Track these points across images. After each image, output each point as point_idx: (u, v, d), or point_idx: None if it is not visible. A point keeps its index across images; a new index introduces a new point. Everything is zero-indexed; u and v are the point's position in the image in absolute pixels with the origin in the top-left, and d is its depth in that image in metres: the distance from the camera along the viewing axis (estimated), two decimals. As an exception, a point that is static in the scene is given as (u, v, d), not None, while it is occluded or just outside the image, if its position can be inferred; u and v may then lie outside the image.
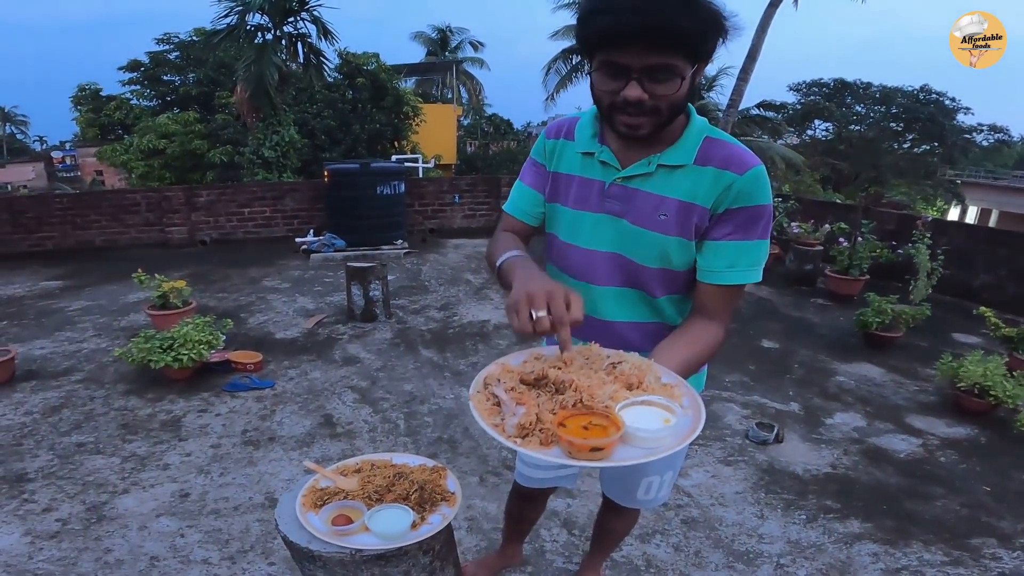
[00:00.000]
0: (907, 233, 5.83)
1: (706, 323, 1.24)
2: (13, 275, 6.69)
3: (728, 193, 1.16)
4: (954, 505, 2.75)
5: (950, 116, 19.36)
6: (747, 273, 1.21)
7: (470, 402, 1.01)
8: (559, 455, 0.88)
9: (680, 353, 1.16)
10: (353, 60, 13.43)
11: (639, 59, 1.04)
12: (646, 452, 0.88)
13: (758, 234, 1.20)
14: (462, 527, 2.45)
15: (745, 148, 1.20)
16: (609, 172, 1.25)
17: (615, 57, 1.06)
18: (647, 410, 0.94)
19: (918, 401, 3.84)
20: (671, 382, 1.02)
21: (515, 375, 1.04)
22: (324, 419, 3.41)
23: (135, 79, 14.75)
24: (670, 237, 1.21)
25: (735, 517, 2.61)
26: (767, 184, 1.18)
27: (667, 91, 1.07)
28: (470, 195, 9.65)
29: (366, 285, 5.04)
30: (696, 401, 0.97)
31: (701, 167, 1.18)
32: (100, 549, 2.32)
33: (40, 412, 3.45)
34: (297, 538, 1.20)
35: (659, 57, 1.04)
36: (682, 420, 0.92)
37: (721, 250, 1.19)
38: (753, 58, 9.57)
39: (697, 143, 1.19)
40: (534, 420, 0.92)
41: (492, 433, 0.92)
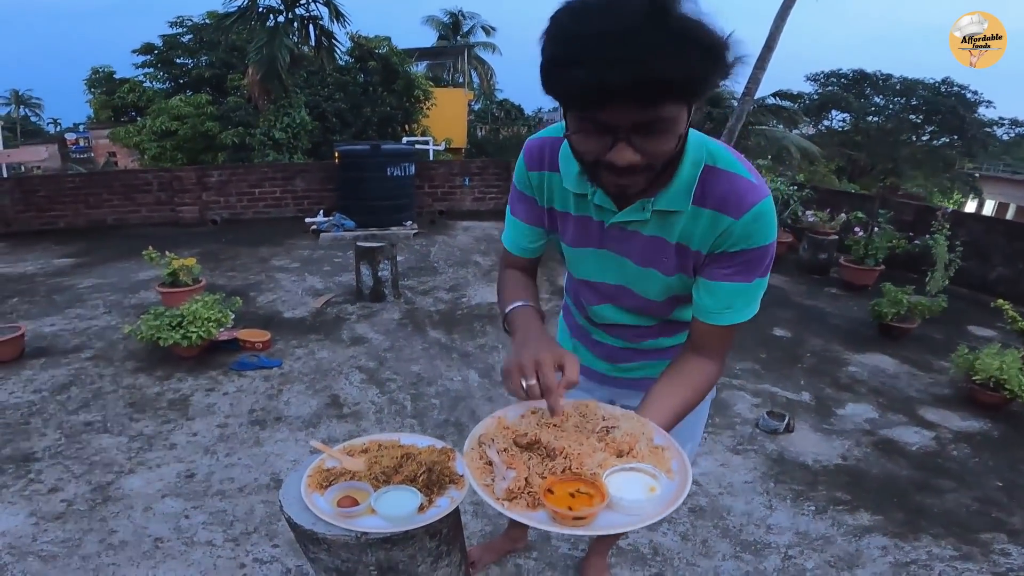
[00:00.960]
0: (925, 224, 5.73)
1: (701, 362, 1.18)
2: (25, 253, 6.73)
3: (725, 238, 1.07)
4: (965, 499, 2.70)
5: (971, 109, 19.04)
6: (743, 312, 1.14)
7: (463, 459, 1.04)
8: (544, 519, 0.93)
9: (674, 401, 1.14)
10: (365, 43, 13.35)
11: (627, 116, 0.86)
12: (628, 520, 0.93)
13: (758, 275, 1.11)
14: (468, 511, 2.44)
15: (748, 176, 1.05)
16: (605, 214, 1.14)
17: (596, 116, 0.88)
18: (633, 477, 0.98)
19: (932, 393, 3.78)
20: (663, 444, 1.05)
21: (509, 434, 1.07)
22: (331, 399, 3.40)
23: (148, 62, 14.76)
24: (674, 277, 1.17)
25: (743, 507, 2.59)
26: (769, 221, 1.06)
27: (663, 145, 0.91)
28: (480, 178, 9.59)
29: (375, 265, 5.02)
30: (684, 466, 1.00)
31: (698, 208, 1.06)
32: (104, 530, 2.32)
33: (49, 390, 3.45)
34: (301, 520, 1.18)
35: (648, 112, 0.86)
36: (667, 489, 0.96)
37: (717, 291, 1.12)
38: (770, 47, 9.35)
39: (694, 179, 1.04)
40: (523, 484, 0.96)
41: (482, 494, 0.96)
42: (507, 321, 1.25)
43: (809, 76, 20.62)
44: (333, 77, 12.57)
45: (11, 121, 43.95)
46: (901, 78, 19.67)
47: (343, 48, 11.90)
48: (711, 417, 3.25)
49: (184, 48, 14.77)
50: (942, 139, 20.07)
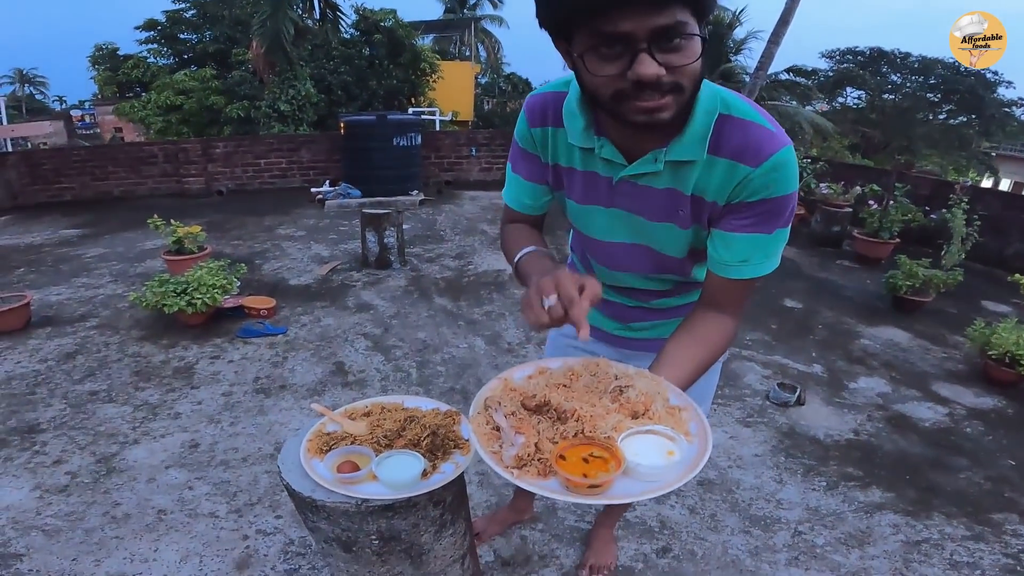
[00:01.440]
0: (942, 199, 5.61)
1: (716, 317, 1.12)
2: (32, 224, 6.72)
3: (743, 187, 1.00)
4: (978, 478, 2.65)
5: (990, 89, 18.57)
6: (762, 266, 1.07)
7: (469, 424, 0.97)
8: (556, 488, 0.86)
9: (689, 361, 1.07)
10: (370, 16, 13.14)
11: (643, 22, 0.80)
12: (646, 487, 0.86)
13: (778, 225, 1.03)
14: (473, 481, 2.41)
15: (766, 124, 0.99)
16: (614, 168, 1.08)
17: (610, 26, 0.82)
18: (651, 440, 0.91)
19: (945, 368, 3.71)
20: (680, 404, 0.99)
21: (516, 396, 1.00)
22: (336, 367, 3.38)
23: (152, 38, 14.66)
24: (691, 229, 1.10)
25: (753, 481, 2.55)
26: (791, 171, 0.99)
27: (686, 59, 0.85)
28: (487, 148, 9.51)
29: (381, 232, 4.97)
30: (704, 428, 0.93)
31: (713, 157, 1.00)
32: (108, 503, 2.29)
33: (55, 359, 3.44)
34: (300, 487, 1.14)
35: (669, 14, 0.81)
36: (687, 452, 0.90)
37: (734, 242, 1.05)
38: (786, 22, 9.09)
39: (708, 127, 0.98)
40: (532, 451, 0.90)
41: (489, 462, 0.89)
42: (518, 269, 1.20)
43: (824, 53, 20.17)
44: (339, 50, 12.42)
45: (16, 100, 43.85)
46: (920, 56, 19.17)
47: (348, 21, 11.73)
48: (720, 388, 3.19)
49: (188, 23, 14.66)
50: (959, 118, 19.63)
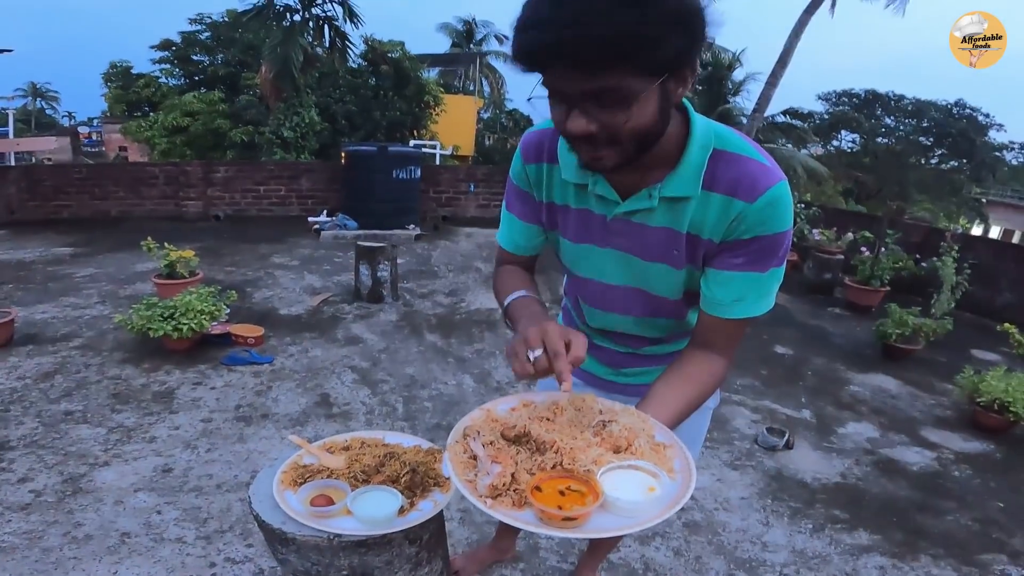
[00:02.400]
0: (932, 247, 5.68)
1: (707, 356, 1.10)
2: (25, 241, 6.70)
3: (738, 224, 0.99)
4: (966, 520, 2.68)
5: (982, 132, 19.00)
6: (756, 305, 1.06)
7: (445, 452, 0.95)
8: (530, 519, 0.83)
9: (677, 400, 1.05)
10: (378, 47, 13.39)
11: (573, 84, 0.83)
12: (623, 523, 0.83)
13: (773, 263, 1.03)
14: (454, 518, 2.37)
15: (760, 160, 0.99)
16: (608, 206, 1.07)
17: (549, 81, 0.86)
18: (631, 475, 0.88)
19: (934, 415, 3.74)
20: (664, 442, 0.96)
21: (497, 427, 0.98)
22: (321, 398, 3.34)
23: (166, 58, 14.85)
24: (685, 269, 1.09)
25: (739, 523, 2.52)
26: (786, 207, 0.98)
27: (617, 120, 0.85)
28: (485, 184, 9.57)
29: (375, 265, 4.97)
30: (688, 465, 0.90)
31: (708, 193, 0.99)
32: (70, 523, 2.24)
33: (32, 378, 3.39)
34: (270, 518, 1.11)
35: (595, 80, 0.81)
36: (668, 489, 0.86)
37: (728, 281, 1.04)
38: (784, 63, 9.37)
39: (702, 163, 0.98)
40: (508, 480, 0.87)
41: (463, 490, 0.87)
42: (507, 313, 1.19)
43: (821, 95, 20.66)
44: (345, 80, 12.62)
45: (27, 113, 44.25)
46: (913, 99, 19.65)
47: (357, 51, 11.96)
48: (709, 432, 3.17)
49: (202, 45, 14.86)
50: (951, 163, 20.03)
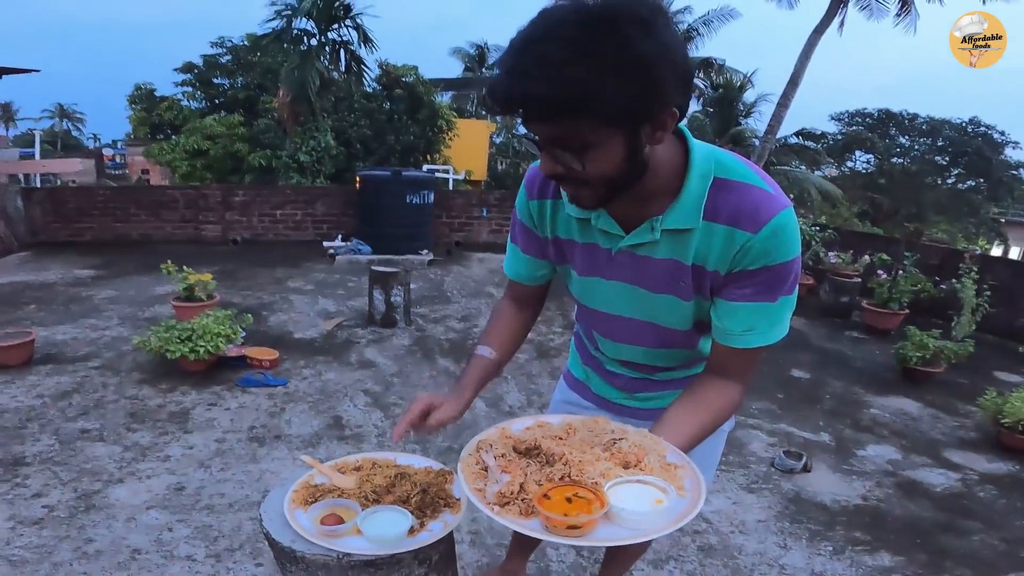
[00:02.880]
0: (951, 268, 5.61)
1: (722, 383, 1.10)
2: (48, 262, 6.85)
3: (743, 254, 0.98)
4: (992, 540, 2.62)
5: (998, 150, 18.81)
6: (768, 335, 1.05)
7: (458, 464, 0.98)
8: (536, 527, 0.85)
9: (691, 424, 1.05)
10: (393, 71, 13.62)
11: (535, 128, 0.88)
12: (629, 533, 0.84)
13: (782, 293, 1.02)
14: (464, 540, 2.34)
15: (763, 187, 0.98)
16: (612, 239, 1.08)
17: (524, 125, 0.89)
18: (639, 489, 0.89)
19: (957, 436, 3.67)
20: (676, 462, 0.96)
21: (510, 442, 1.02)
22: (333, 420, 3.35)
23: (188, 81, 15.10)
24: (693, 301, 1.09)
25: (756, 546, 2.48)
26: (791, 235, 0.97)
27: (578, 166, 0.88)
28: (498, 210, 9.59)
29: (388, 290, 5.00)
30: (698, 485, 0.90)
31: (711, 224, 0.99)
32: (81, 539, 2.27)
33: (51, 396, 3.45)
34: (280, 536, 1.11)
35: (553, 127, 0.85)
36: (676, 503, 0.86)
37: (737, 312, 1.03)
38: (795, 84, 9.42)
39: (703, 194, 0.98)
40: (516, 489, 0.90)
41: (472, 498, 0.90)
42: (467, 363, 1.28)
43: (833, 116, 20.62)
44: (360, 104, 12.83)
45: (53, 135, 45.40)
46: (927, 118, 19.54)
47: (371, 74, 12.18)
48: (724, 455, 3.13)
49: (223, 69, 15.12)
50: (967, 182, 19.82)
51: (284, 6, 9.62)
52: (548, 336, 5.04)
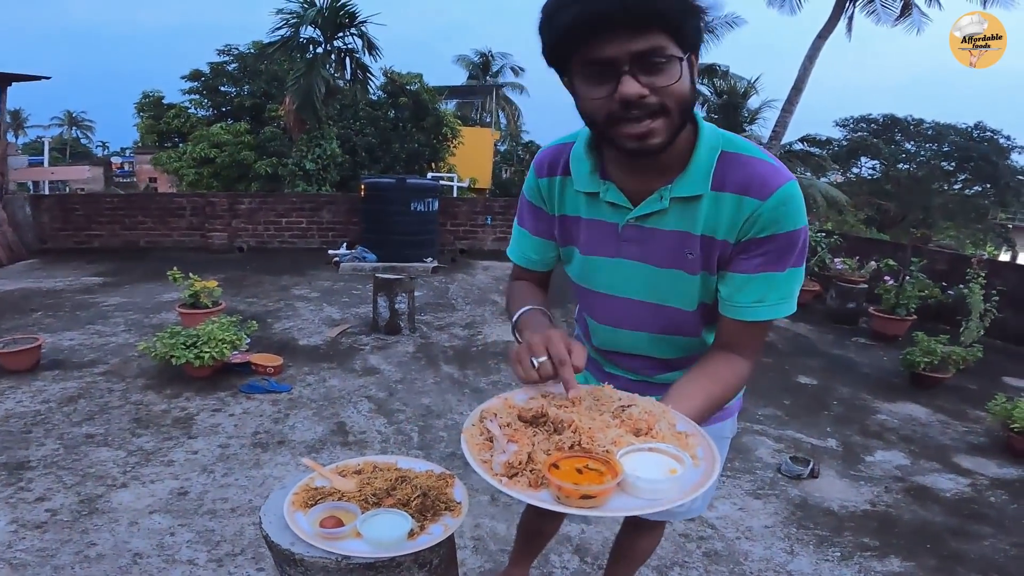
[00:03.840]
0: (959, 274, 5.57)
1: (731, 358, 1.10)
2: (56, 269, 6.91)
3: (752, 223, 1.00)
4: (1003, 545, 2.59)
5: (1004, 155, 18.69)
6: (777, 307, 1.05)
7: (462, 435, 0.94)
8: (548, 499, 0.82)
9: (700, 395, 1.04)
10: (397, 79, 13.68)
11: (624, 46, 0.88)
12: (645, 503, 0.80)
13: (791, 263, 1.03)
14: (467, 546, 2.33)
15: (769, 161, 1.02)
16: (620, 213, 1.09)
17: (595, 53, 0.90)
18: (653, 457, 0.86)
19: (967, 442, 3.63)
20: (687, 430, 0.93)
21: (514, 411, 0.98)
22: (337, 426, 3.34)
23: (195, 88, 15.13)
24: (699, 275, 1.08)
25: (762, 552, 2.45)
26: (798, 205, 1.01)
27: (668, 80, 0.90)
28: (503, 217, 9.60)
29: (393, 298, 5.01)
30: (712, 453, 0.88)
31: (718, 193, 1.01)
32: (83, 542, 2.27)
33: (56, 401, 3.47)
34: (280, 539, 1.11)
35: (646, 40, 0.88)
36: (691, 472, 0.83)
37: (748, 284, 1.04)
38: (799, 89, 9.42)
39: (711, 163, 1.01)
40: (524, 459, 0.86)
41: (478, 469, 0.86)
42: (516, 327, 1.20)
43: (838, 121, 20.56)
44: (365, 111, 12.89)
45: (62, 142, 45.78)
46: (933, 123, 19.45)
47: (377, 82, 12.22)
48: (730, 460, 3.11)
49: (229, 76, 15.15)
50: (974, 188, 19.69)
51: (291, 14, 9.68)
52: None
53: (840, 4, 10.81)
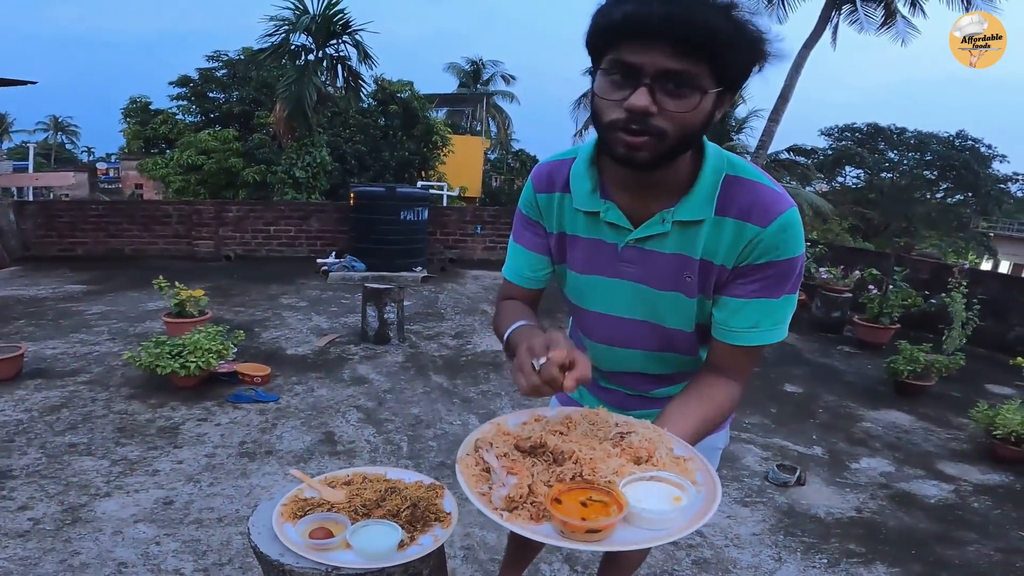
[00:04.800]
0: (941, 283, 5.66)
1: (724, 381, 1.10)
2: (40, 277, 6.82)
3: (751, 249, 1.01)
4: (987, 550, 2.63)
5: (985, 164, 19.06)
6: (770, 333, 1.06)
7: (456, 466, 0.92)
8: (550, 533, 0.80)
9: (693, 418, 1.04)
10: (388, 87, 13.68)
11: (655, 60, 0.87)
12: (652, 534, 0.80)
13: (786, 290, 1.04)
14: (458, 556, 2.33)
15: (772, 186, 1.02)
16: (620, 233, 1.08)
17: (627, 55, 0.89)
18: (655, 486, 0.86)
19: (950, 448, 3.69)
20: (684, 455, 0.93)
21: (510, 440, 0.96)
22: (325, 436, 3.32)
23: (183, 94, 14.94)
24: (696, 299, 1.09)
25: (750, 559, 2.46)
26: (798, 232, 1.01)
27: (682, 108, 0.90)
28: (492, 227, 9.58)
29: (382, 307, 4.99)
30: (711, 477, 0.89)
31: (721, 218, 1.01)
32: (67, 551, 2.24)
33: (39, 410, 3.42)
34: (268, 549, 1.11)
35: (680, 62, 0.87)
36: (694, 499, 0.83)
37: (743, 309, 1.05)
38: (785, 99, 9.54)
39: (715, 188, 1.01)
40: (525, 492, 0.84)
41: (477, 503, 0.84)
42: (508, 344, 1.15)
43: (823, 131, 20.87)
44: (355, 119, 12.85)
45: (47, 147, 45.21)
46: (915, 132, 19.81)
47: (368, 90, 12.19)
48: (717, 469, 3.12)
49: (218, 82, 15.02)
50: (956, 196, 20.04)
51: (283, 20, 9.65)
52: (542, 351, 5.03)
53: (826, 14, 11.00)
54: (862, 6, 11.49)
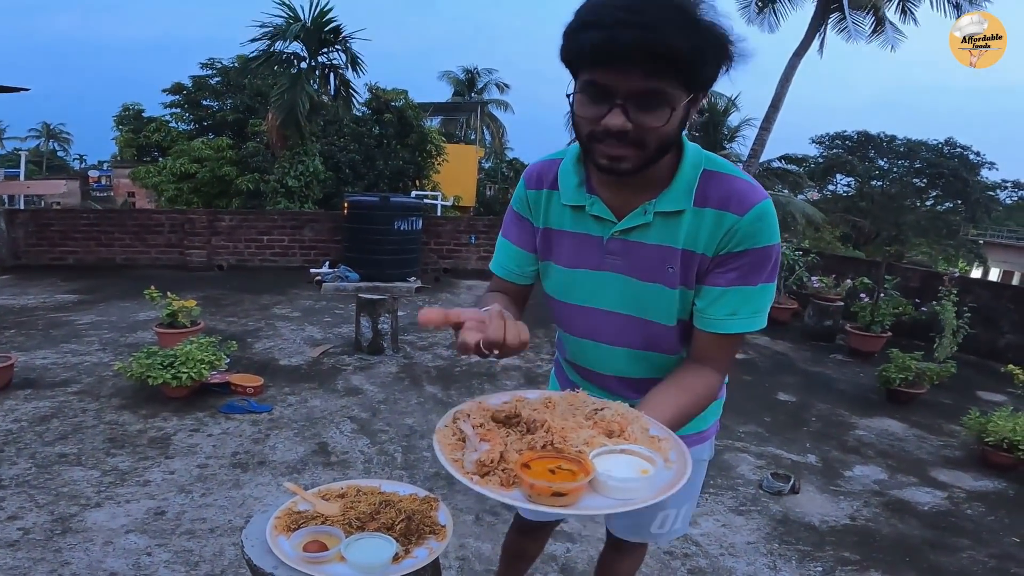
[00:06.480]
0: (932, 291, 5.70)
1: (702, 370, 1.13)
2: (30, 286, 6.77)
3: (729, 237, 1.05)
4: (981, 556, 2.65)
5: (974, 171, 19.26)
6: (749, 321, 1.09)
7: (434, 436, 0.94)
8: (519, 498, 0.82)
9: (672, 404, 1.06)
10: (382, 95, 13.68)
11: (626, 82, 0.91)
12: (617, 502, 0.81)
13: (763, 278, 1.08)
14: (453, 567, 2.31)
15: (747, 179, 1.08)
16: (605, 226, 1.13)
17: (599, 78, 0.93)
18: (625, 459, 0.87)
19: (943, 455, 3.71)
20: (659, 435, 0.94)
21: (487, 412, 0.98)
22: (319, 447, 3.30)
23: (176, 102, 14.87)
24: (678, 290, 1.12)
25: (746, 568, 2.47)
26: (773, 222, 1.07)
27: (654, 122, 0.94)
28: (487, 236, 9.56)
29: (375, 317, 4.98)
30: (684, 457, 0.89)
31: (700, 209, 1.06)
32: (57, 561, 2.22)
33: (28, 420, 3.39)
34: (262, 562, 1.10)
35: (649, 81, 0.91)
36: (662, 473, 0.84)
37: (722, 297, 1.08)
38: (776, 107, 9.62)
39: (694, 181, 1.07)
40: (497, 458, 0.86)
41: (449, 468, 0.86)
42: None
43: (814, 139, 21.04)
44: (349, 128, 12.82)
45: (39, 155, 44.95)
46: (905, 140, 20.00)
47: (361, 98, 12.22)
48: (711, 478, 3.13)
49: (211, 90, 14.97)
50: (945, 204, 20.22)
51: (271, 28, 9.65)
52: (536, 363, 5.04)
53: (816, 22, 11.12)
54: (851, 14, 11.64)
